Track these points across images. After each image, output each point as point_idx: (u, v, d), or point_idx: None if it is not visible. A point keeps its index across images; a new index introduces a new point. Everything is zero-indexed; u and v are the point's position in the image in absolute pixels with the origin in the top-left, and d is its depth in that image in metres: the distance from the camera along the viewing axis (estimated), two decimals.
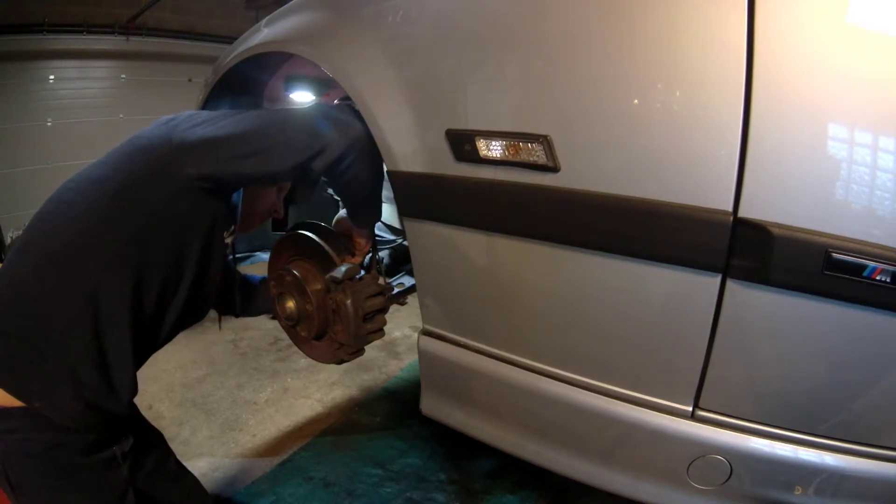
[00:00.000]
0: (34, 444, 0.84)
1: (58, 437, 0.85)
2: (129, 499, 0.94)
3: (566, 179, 0.80)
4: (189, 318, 1.01)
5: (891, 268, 0.63)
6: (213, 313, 1.20)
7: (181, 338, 1.05)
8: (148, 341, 0.95)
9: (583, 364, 0.90)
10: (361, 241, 1.17)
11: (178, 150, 0.88)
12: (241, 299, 1.28)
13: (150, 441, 1.07)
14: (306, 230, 1.21)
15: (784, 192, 0.67)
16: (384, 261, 1.54)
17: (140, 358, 0.95)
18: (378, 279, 1.20)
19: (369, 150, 0.99)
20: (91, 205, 0.87)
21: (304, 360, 2.45)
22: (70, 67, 4.26)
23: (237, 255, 1.30)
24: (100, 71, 4.46)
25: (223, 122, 0.92)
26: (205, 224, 0.95)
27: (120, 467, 0.93)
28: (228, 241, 1.07)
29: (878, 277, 0.64)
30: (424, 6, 0.96)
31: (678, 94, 0.71)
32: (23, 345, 0.82)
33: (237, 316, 1.33)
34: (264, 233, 1.79)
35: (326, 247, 1.15)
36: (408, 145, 0.98)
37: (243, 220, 1.12)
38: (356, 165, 0.99)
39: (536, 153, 0.81)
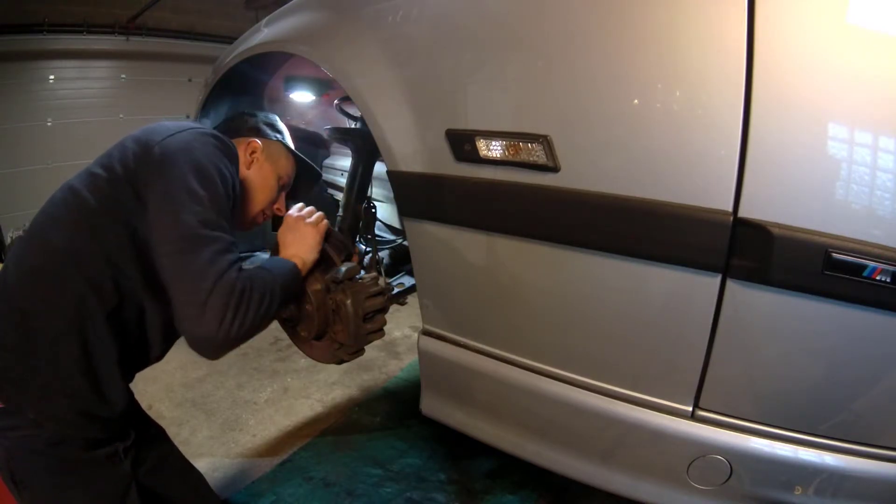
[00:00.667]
0: (35, 441, 0.84)
1: (58, 434, 0.85)
2: (132, 494, 0.94)
3: (566, 179, 0.80)
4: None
5: (891, 268, 0.63)
6: None
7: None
8: (140, 351, 0.94)
9: (583, 364, 0.90)
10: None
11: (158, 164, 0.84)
12: None
13: (153, 437, 1.07)
14: None
15: (784, 192, 0.67)
16: (384, 261, 1.55)
17: (132, 368, 0.94)
18: (378, 279, 1.20)
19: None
20: (76, 217, 0.85)
21: (304, 360, 2.44)
22: (70, 67, 4.26)
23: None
24: (100, 71, 4.45)
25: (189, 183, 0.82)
26: None
27: (122, 462, 0.93)
28: None
29: (878, 277, 0.64)
30: (424, 6, 0.96)
31: (678, 94, 0.71)
32: (14, 357, 0.82)
33: None
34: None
35: (326, 247, 1.15)
36: (408, 145, 0.98)
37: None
38: None
39: (536, 153, 0.81)
